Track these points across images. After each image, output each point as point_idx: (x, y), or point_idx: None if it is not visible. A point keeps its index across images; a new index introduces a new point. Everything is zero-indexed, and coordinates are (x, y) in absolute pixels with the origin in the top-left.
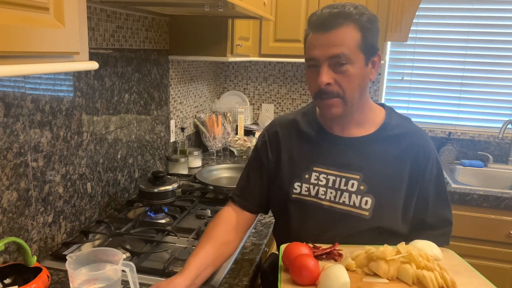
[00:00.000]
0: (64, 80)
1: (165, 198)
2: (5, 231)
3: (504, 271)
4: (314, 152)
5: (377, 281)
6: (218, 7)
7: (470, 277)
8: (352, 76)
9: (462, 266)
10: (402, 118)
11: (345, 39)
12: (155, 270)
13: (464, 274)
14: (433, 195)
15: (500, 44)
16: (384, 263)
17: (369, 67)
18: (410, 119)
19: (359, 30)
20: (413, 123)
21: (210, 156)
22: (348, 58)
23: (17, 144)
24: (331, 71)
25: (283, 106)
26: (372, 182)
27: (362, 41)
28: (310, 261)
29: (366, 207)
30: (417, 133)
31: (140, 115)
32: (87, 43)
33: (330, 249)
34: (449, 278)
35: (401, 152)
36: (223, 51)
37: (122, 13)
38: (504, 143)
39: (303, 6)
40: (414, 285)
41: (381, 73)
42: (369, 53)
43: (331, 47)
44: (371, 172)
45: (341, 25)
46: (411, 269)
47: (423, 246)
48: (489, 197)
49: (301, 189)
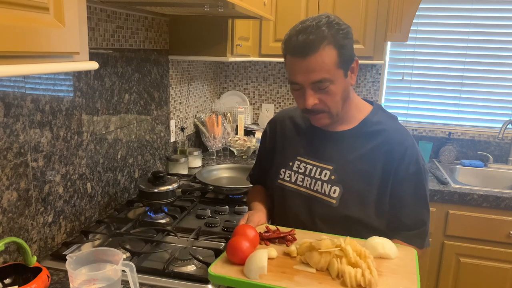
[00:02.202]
0: (64, 80)
1: (165, 198)
2: (5, 231)
3: (504, 271)
4: (301, 143)
5: (305, 269)
6: (218, 7)
7: (402, 278)
8: (335, 93)
9: (408, 267)
10: (387, 116)
11: (323, 63)
12: (155, 270)
13: (403, 275)
14: (409, 195)
15: (500, 44)
16: (317, 254)
17: (349, 76)
18: (396, 118)
19: (336, 49)
20: (398, 122)
21: (210, 156)
22: (329, 80)
23: (17, 144)
24: (315, 93)
25: (283, 106)
26: (342, 173)
27: (339, 59)
28: (243, 243)
29: (334, 196)
30: (395, 131)
31: (140, 115)
32: (87, 43)
33: (284, 234)
34: (368, 277)
35: (375, 147)
36: (223, 51)
37: (122, 13)
38: (504, 143)
39: (303, 6)
40: (337, 279)
41: (381, 73)
42: (347, 65)
43: (312, 72)
44: (343, 164)
45: (318, 49)
46: (337, 264)
47: (377, 243)
48: (489, 197)
49: (285, 175)
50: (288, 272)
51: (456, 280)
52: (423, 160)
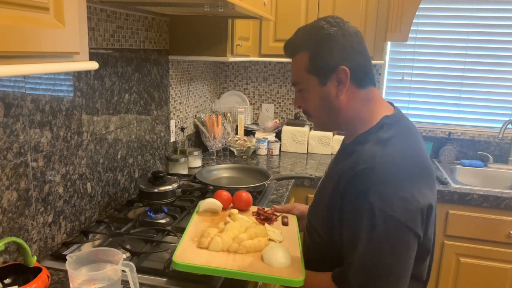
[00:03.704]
0: (64, 80)
1: (165, 198)
2: (5, 231)
3: (504, 271)
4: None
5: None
6: (218, 7)
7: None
8: (309, 99)
9: (270, 269)
10: (378, 137)
11: (295, 68)
12: (155, 270)
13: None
14: (345, 229)
15: (500, 44)
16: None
17: (331, 86)
18: (391, 140)
19: (308, 54)
20: (384, 146)
21: (210, 156)
22: (300, 84)
23: (17, 144)
24: (298, 95)
25: (283, 106)
26: (317, 186)
27: (310, 64)
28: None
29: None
30: (359, 154)
31: (140, 115)
32: (87, 43)
33: (269, 215)
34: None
35: (340, 169)
36: (223, 51)
37: (122, 13)
38: (504, 143)
39: (303, 6)
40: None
41: (381, 73)
42: (324, 73)
43: (292, 75)
44: (322, 177)
45: (294, 54)
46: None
47: (270, 247)
48: (489, 197)
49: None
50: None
51: (456, 280)
52: (381, 200)
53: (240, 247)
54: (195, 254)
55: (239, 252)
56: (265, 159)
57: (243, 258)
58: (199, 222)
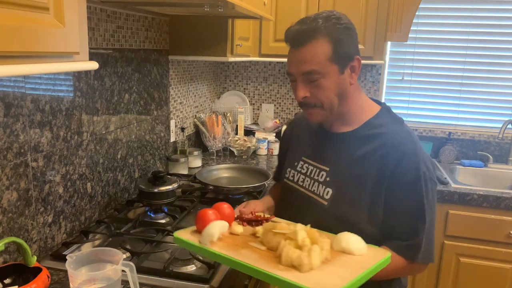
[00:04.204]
0: (64, 80)
1: (165, 198)
2: (5, 231)
3: (504, 271)
4: (309, 144)
5: (256, 246)
6: (218, 7)
7: (345, 270)
8: (327, 87)
9: (362, 264)
10: (393, 119)
11: (314, 55)
12: (155, 270)
13: (349, 267)
14: (404, 203)
15: (500, 44)
16: (271, 235)
17: (347, 74)
18: (401, 121)
19: (330, 43)
20: (403, 125)
21: (210, 156)
22: (319, 73)
23: (17, 144)
24: (306, 85)
25: (283, 106)
26: (336, 176)
27: (334, 53)
28: (209, 214)
29: (327, 197)
30: (394, 134)
31: (140, 115)
32: (87, 43)
33: (261, 219)
34: (302, 259)
35: (371, 151)
36: (223, 51)
37: (122, 13)
38: (504, 143)
39: (303, 6)
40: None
41: (381, 73)
42: (344, 62)
43: (302, 64)
44: (338, 166)
45: (310, 41)
46: (283, 243)
47: (341, 237)
48: (489, 197)
49: (289, 174)
50: (240, 246)
51: (456, 280)
52: (426, 168)
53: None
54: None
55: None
56: (265, 159)
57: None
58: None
